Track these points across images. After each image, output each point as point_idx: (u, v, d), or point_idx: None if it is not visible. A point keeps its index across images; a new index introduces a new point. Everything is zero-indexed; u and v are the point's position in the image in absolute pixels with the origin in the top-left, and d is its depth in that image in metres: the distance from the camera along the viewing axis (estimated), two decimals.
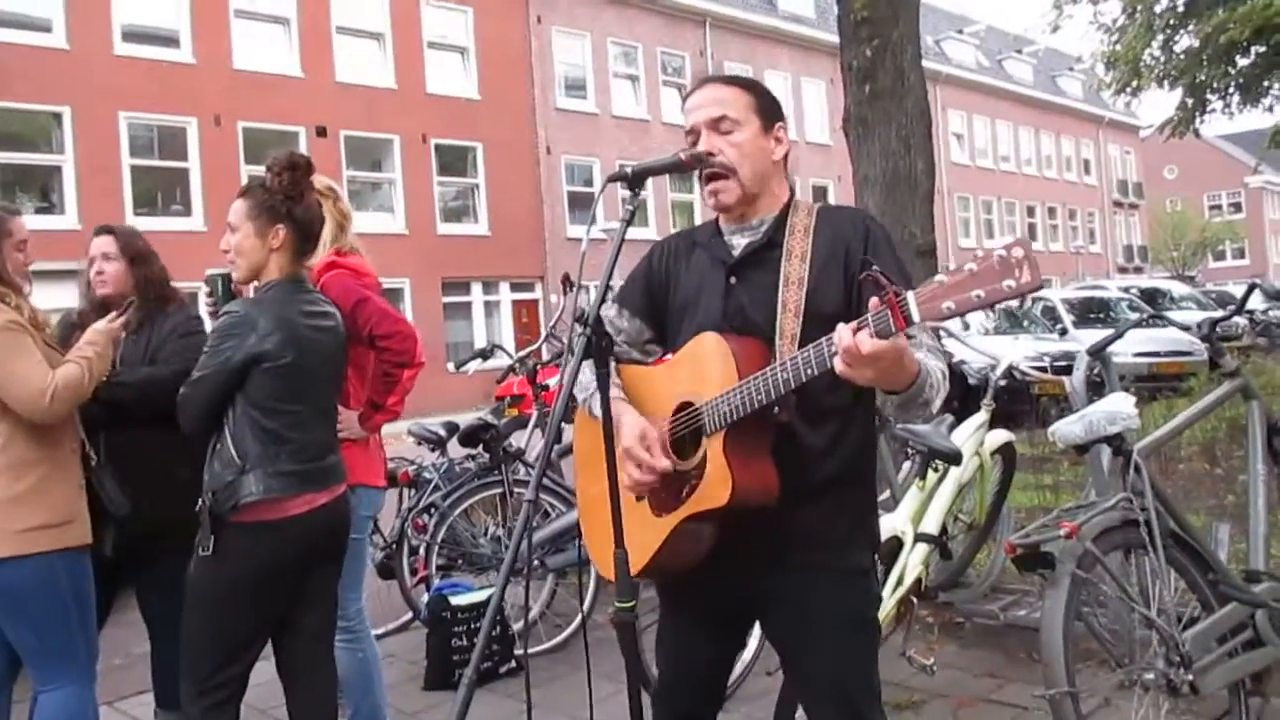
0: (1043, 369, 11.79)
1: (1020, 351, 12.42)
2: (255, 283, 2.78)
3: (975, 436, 3.83)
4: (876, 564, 2.13)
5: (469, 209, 24.02)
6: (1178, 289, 20.66)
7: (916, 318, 1.55)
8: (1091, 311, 16.09)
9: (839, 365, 1.64)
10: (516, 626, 4.49)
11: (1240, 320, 16.60)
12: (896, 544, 3.32)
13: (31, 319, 2.78)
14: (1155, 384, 12.54)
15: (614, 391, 2.02)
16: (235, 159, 19.72)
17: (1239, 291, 24.17)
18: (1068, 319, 15.48)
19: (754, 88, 2.07)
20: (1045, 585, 2.61)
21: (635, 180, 1.86)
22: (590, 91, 26.07)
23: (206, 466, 2.61)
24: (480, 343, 22.44)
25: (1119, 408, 2.76)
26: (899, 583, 3.35)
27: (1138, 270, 45.85)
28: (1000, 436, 4.00)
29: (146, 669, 3.57)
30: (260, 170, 2.84)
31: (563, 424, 2.06)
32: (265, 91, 19.99)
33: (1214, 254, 54.32)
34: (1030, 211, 40.98)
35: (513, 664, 4.23)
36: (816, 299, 1.94)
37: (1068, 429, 2.80)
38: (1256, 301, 22.19)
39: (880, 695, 2.06)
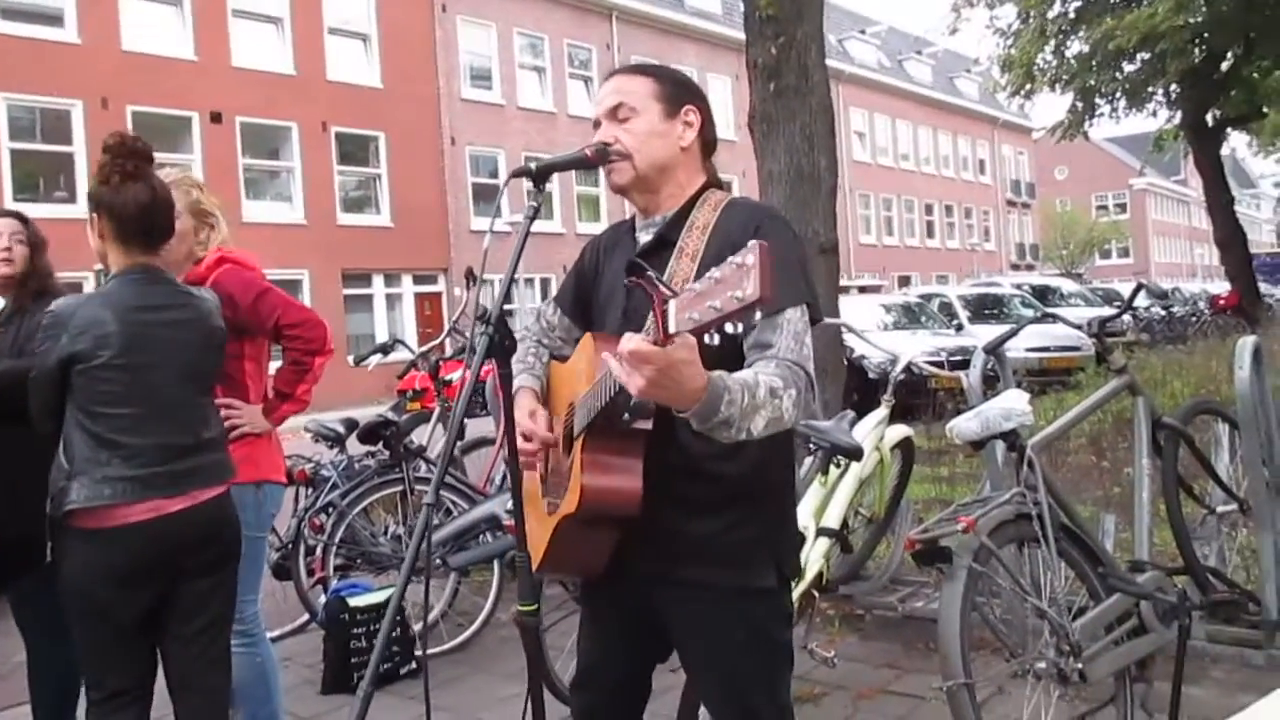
0: (939, 364, 12.07)
1: (918, 346, 12.73)
2: None
3: (875, 432, 3.88)
4: (788, 583, 1.97)
5: (370, 199, 23.57)
6: (1067, 286, 21.40)
7: (673, 328, 1.40)
8: (986, 307, 16.56)
9: (615, 370, 1.53)
10: (417, 627, 4.42)
11: (1126, 318, 17.30)
12: (799, 539, 3.34)
13: None
14: (1045, 378, 12.96)
15: (531, 381, 1.99)
16: None
17: (1125, 289, 25.15)
18: (963, 315, 15.92)
19: (658, 73, 2.01)
20: (943, 579, 2.65)
21: (539, 176, 1.81)
22: (496, 82, 25.82)
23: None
24: (382, 336, 22.05)
25: (1013, 405, 2.83)
26: (800, 577, 3.37)
27: (1029, 267, 47.39)
28: (899, 432, 4.06)
29: (22, 679, 3.40)
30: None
31: (465, 420, 2.01)
32: (156, 74, 19.27)
33: (1101, 252, 56.51)
34: (929, 209, 42.03)
35: (413, 665, 4.14)
36: None
37: (965, 425, 2.86)
38: (1140, 299, 23.16)
39: (792, 712, 1.99)
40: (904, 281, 37.03)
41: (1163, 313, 20.60)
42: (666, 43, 30.07)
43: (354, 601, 4.12)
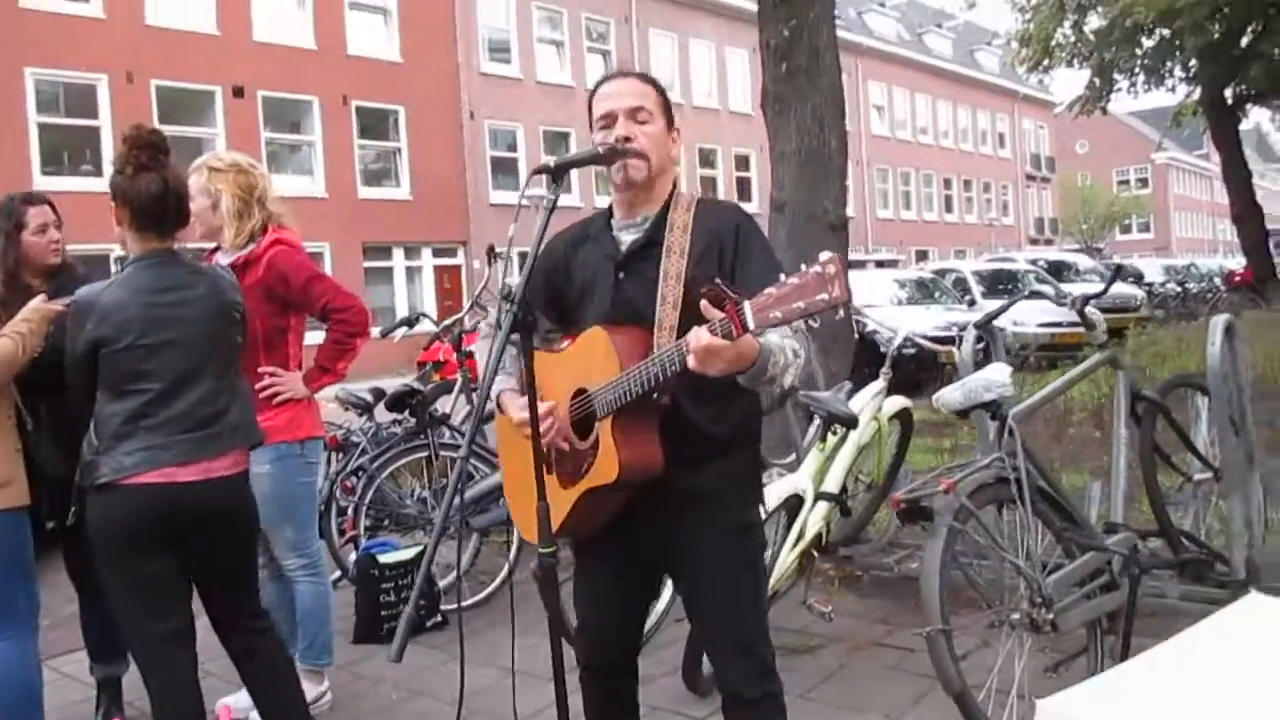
0: (951, 339, 12.26)
1: (930, 321, 12.92)
2: None
3: (873, 403, 4.11)
4: (761, 517, 2.37)
5: (390, 172, 23.81)
6: (1083, 262, 21.44)
7: (751, 325, 1.75)
8: (1000, 283, 16.66)
9: (691, 362, 1.84)
10: (443, 583, 4.70)
11: (1138, 293, 17.39)
12: (798, 501, 3.59)
13: None
14: (1056, 353, 13.09)
15: (510, 382, 2.27)
16: (148, 118, 19.18)
17: (1143, 264, 25.11)
18: (977, 290, 16.06)
19: (661, 89, 2.26)
20: (926, 536, 2.89)
21: (557, 172, 2.06)
22: (514, 56, 25.95)
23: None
24: (402, 308, 22.35)
25: (995, 377, 3.05)
26: (800, 537, 3.62)
27: (1048, 242, 47.28)
28: (897, 402, 4.29)
29: (75, 628, 3.70)
30: (175, 130, 2.89)
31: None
32: (180, 48, 19.51)
33: (1121, 227, 56.23)
34: (947, 184, 41.95)
35: (439, 618, 4.43)
36: (694, 292, 2.06)
37: (949, 395, 3.09)
38: (1156, 275, 23.17)
39: (768, 632, 2.31)
40: (921, 256, 37.08)
41: (1178, 289, 20.66)
42: (685, 16, 30.09)
43: (383, 558, 4.40)
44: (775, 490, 3.49)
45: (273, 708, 2.96)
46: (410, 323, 5.80)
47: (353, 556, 4.63)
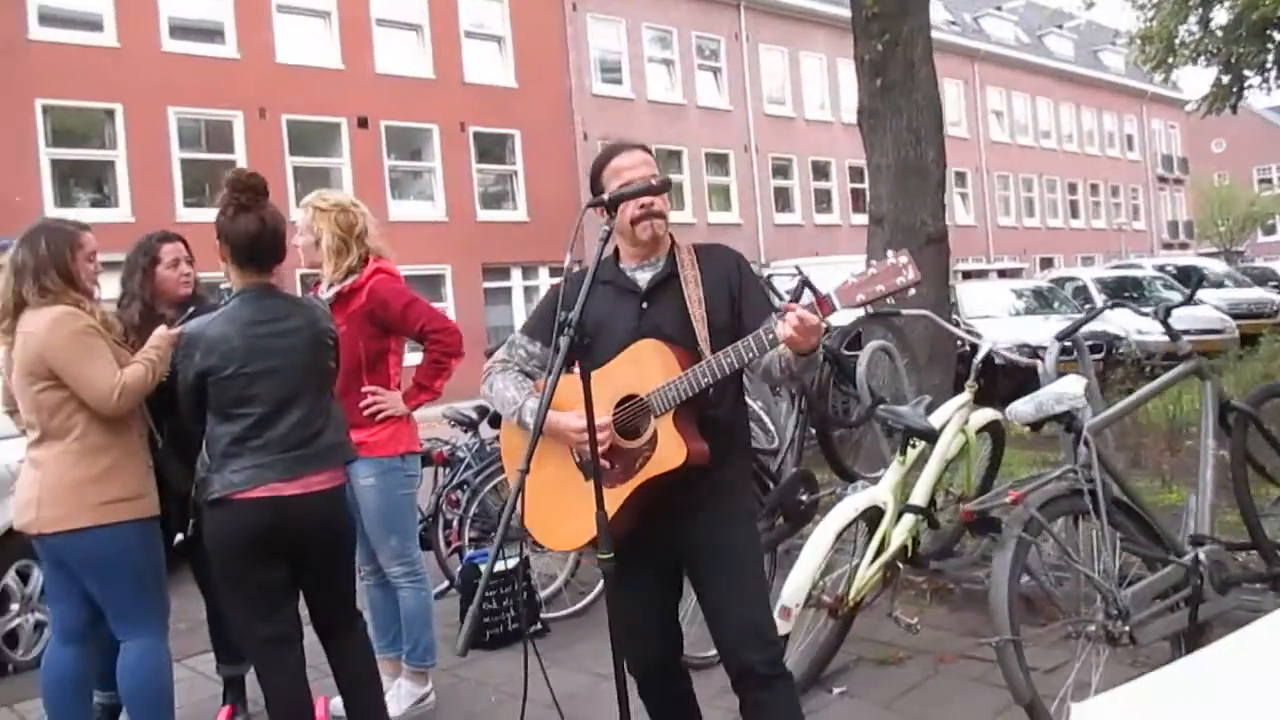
0: (1068, 349, 11.91)
1: (1048, 332, 12.59)
2: None
3: (959, 415, 4.12)
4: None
5: (508, 195, 24.42)
6: (1216, 267, 20.52)
7: (838, 305, 2.29)
8: (1125, 290, 16.10)
9: (792, 336, 2.23)
10: (545, 593, 4.90)
11: (1276, 298, 16.60)
12: (877, 513, 3.65)
13: (103, 321, 3.18)
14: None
15: (532, 402, 2.54)
16: (280, 151, 20.26)
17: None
18: (1099, 298, 15.57)
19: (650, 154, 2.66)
20: (995, 547, 2.93)
21: (611, 205, 2.26)
22: (625, 76, 26.33)
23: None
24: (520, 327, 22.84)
25: (1067, 389, 3.07)
26: (880, 549, 3.67)
27: (1183, 247, 45.27)
28: (986, 415, 4.29)
29: (205, 632, 4.02)
30: (304, 161, 3.17)
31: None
32: (307, 84, 20.50)
33: (1264, 228, 53.37)
34: (1072, 189, 40.63)
35: (537, 625, 4.62)
36: (713, 314, 2.51)
37: (1021, 408, 3.12)
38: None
39: (773, 614, 2.67)
40: (1046, 264, 36.00)
41: None
42: (795, 30, 30.03)
43: (485, 567, 4.60)
44: (853, 502, 3.56)
45: (356, 703, 3.20)
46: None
47: (458, 567, 4.86)
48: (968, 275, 31.96)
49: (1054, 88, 39.65)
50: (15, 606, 4.76)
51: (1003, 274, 28.85)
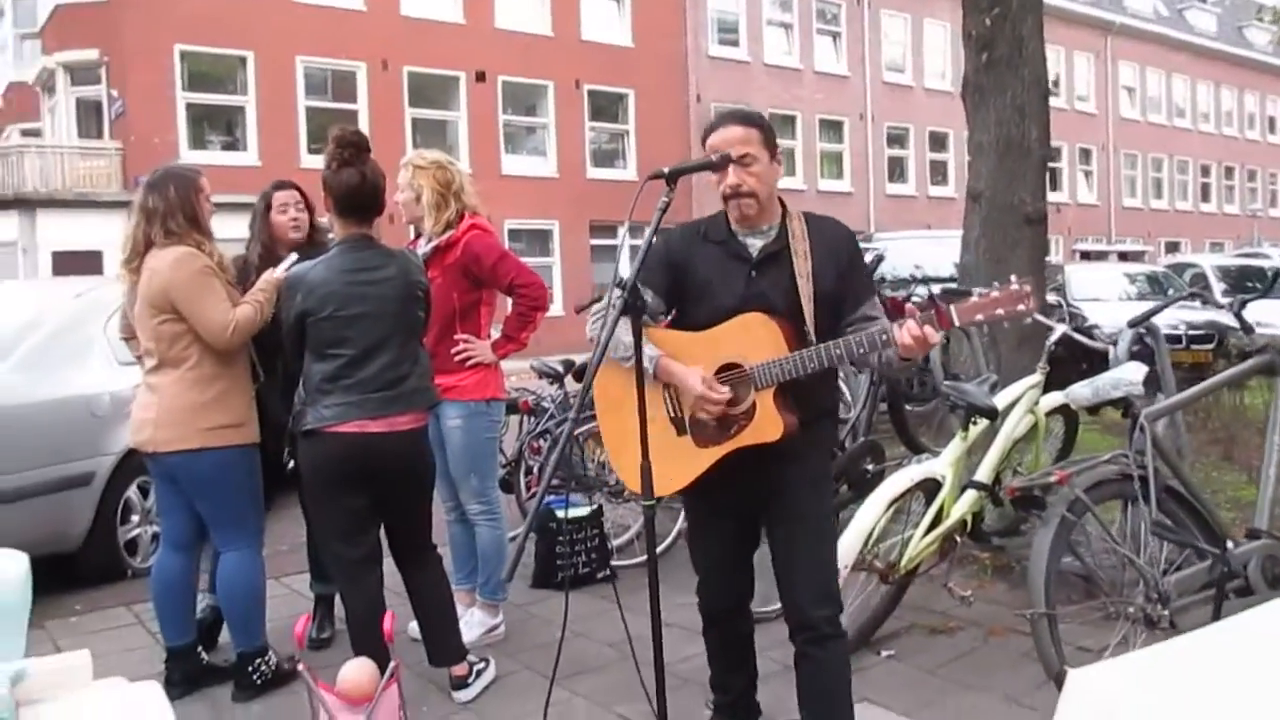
0: (1178, 337, 11.64)
1: (1162, 320, 12.24)
2: None
3: (1028, 396, 4.16)
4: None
5: (619, 154, 24.62)
6: None
7: (957, 323, 2.41)
8: (1247, 280, 15.45)
9: (910, 345, 2.39)
10: (617, 541, 5.13)
11: None
12: (935, 485, 3.74)
13: (218, 263, 3.48)
14: None
15: (652, 349, 2.62)
16: (400, 102, 20.82)
17: None
18: (1217, 287, 15.00)
19: (760, 124, 2.64)
20: (1038, 524, 3.02)
21: (671, 178, 2.40)
22: (743, 38, 26.16)
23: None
24: None
25: (1125, 375, 3.12)
26: (937, 520, 3.77)
27: None
28: (1056, 398, 4.32)
29: (304, 553, 4.36)
30: (422, 113, 3.40)
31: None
32: (429, 37, 20.97)
33: None
34: (1204, 170, 38.91)
35: (607, 571, 4.85)
36: (821, 288, 2.58)
37: (1079, 392, 3.18)
38: None
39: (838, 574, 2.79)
40: (1171, 248, 34.70)
41: None
42: None
43: (560, 514, 4.85)
44: (909, 473, 3.66)
45: (431, 622, 3.48)
46: (600, 300, 6.22)
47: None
48: (1086, 256, 31.08)
49: (1192, 64, 37.88)
50: (135, 518, 5.21)
51: (1124, 256, 27.91)
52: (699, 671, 3.25)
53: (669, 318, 2.77)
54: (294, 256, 3.70)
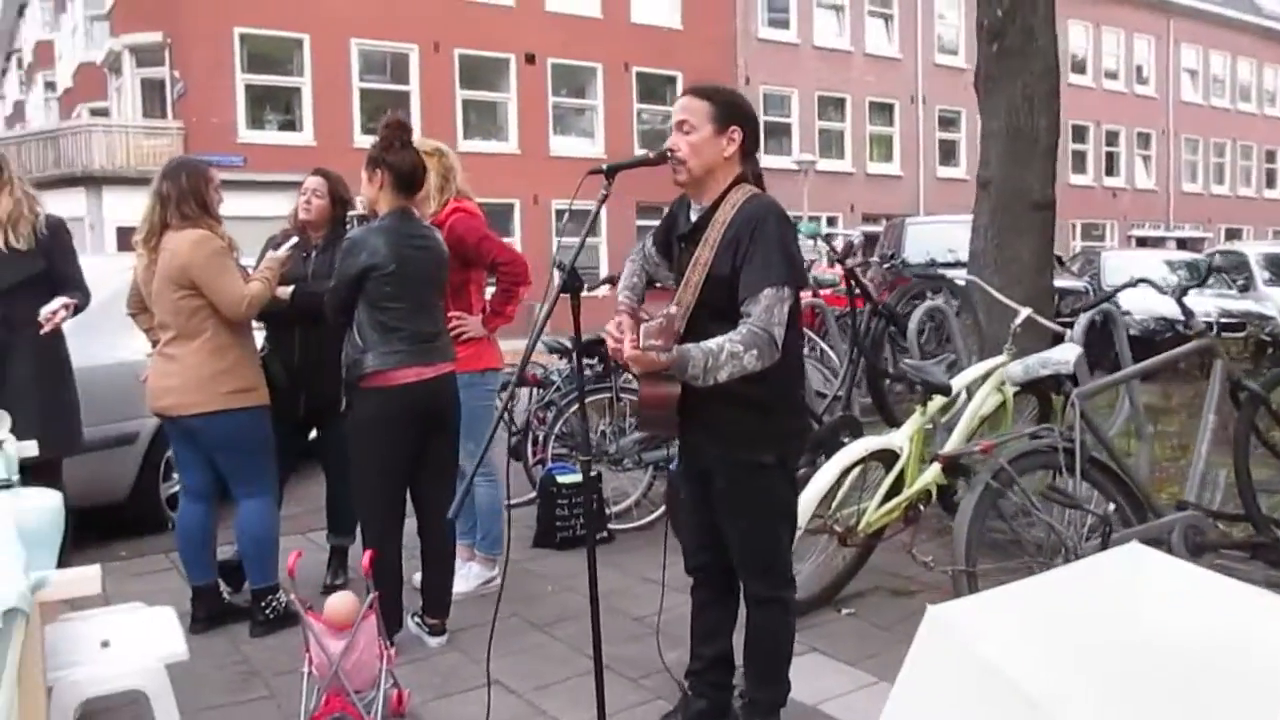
0: (1210, 325, 11.68)
1: (1201, 307, 12.22)
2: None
3: (995, 376, 4.40)
4: (785, 464, 2.80)
5: (666, 136, 24.75)
6: None
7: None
8: None
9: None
10: (618, 508, 5.47)
11: None
12: (892, 456, 4.02)
13: (230, 244, 3.86)
14: None
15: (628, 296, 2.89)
16: (450, 84, 21.27)
17: None
18: (1259, 275, 14.87)
19: (715, 98, 2.72)
20: (965, 490, 3.29)
21: (610, 174, 2.66)
22: (793, 21, 26.18)
23: (344, 348, 3.63)
24: None
25: (1055, 356, 3.37)
26: (897, 489, 4.04)
27: None
28: (981, 371, 4.50)
29: (324, 514, 4.77)
30: (473, 94, 3.80)
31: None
32: (480, 20, 21.36)
33: None
34: (1269, 156, 38.02)
35: (605, 534, 5.19)
36: (710, 280, 2.62)
37: (1012, 370, 3.44)
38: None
39: (790, 563, 2.88)
40: (1232, 234, 34.03)
41: None
42: None
43: (561, 479, 5.20)
44: (866, 443, 3.94)
45: (431, 573, 3.83)
46: (613, 280, 6.54)
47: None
48: (1143, 242, 30.59)
49: (1259, 47, 37.00)
50: (176, 475, 5.65)
51: (1182, 244, 27.47)
52: (674, 625, 3.39)
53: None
54: (294, 239, 4.12)
